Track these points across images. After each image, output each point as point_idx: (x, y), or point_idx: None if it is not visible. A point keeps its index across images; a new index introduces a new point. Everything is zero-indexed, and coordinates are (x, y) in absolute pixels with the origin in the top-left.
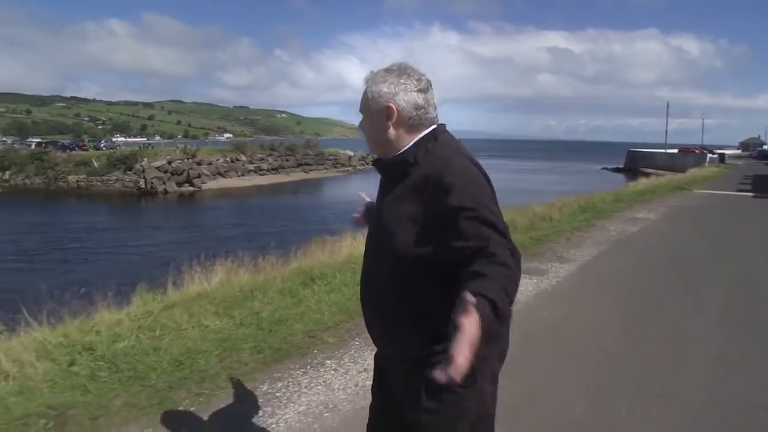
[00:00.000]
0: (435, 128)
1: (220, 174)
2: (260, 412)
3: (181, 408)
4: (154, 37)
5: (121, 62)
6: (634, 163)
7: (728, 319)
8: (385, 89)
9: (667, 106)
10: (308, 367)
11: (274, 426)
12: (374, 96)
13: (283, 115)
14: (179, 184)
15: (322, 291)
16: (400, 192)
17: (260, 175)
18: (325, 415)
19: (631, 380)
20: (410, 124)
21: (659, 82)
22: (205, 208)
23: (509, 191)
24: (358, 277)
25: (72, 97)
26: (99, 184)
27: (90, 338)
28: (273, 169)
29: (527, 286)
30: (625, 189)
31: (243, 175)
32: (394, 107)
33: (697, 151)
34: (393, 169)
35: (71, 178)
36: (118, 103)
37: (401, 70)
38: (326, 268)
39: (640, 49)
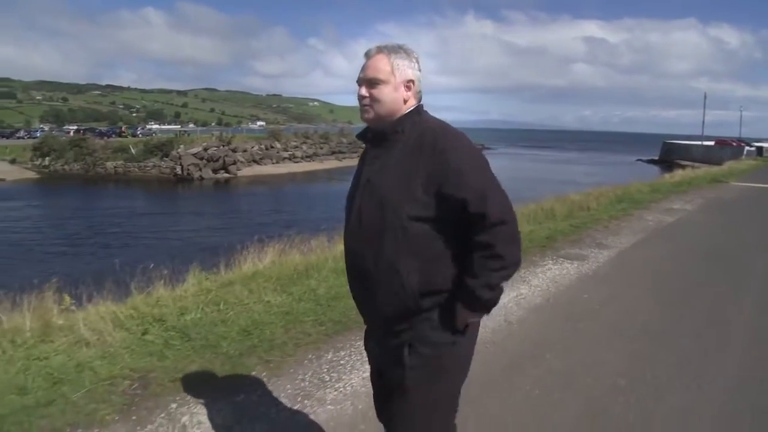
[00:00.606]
0: (421, 104)
1: (254, 161)
2: (328, 378)
3: (253, 373)
4: (189, 26)
5: (156, 50)
6: (670, 154)
7: (766, 305)
8: (407, 63)
9: (705, 97)
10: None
11: (341, 389)
12: (399, 67)
13: (316, 103)
14: (215, 171)
15: None
16: (397, 157)
17: (294, 162)
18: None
19: (673, 354)
20: (417, 97)
21: (697, 72)
22: (242, 194)
23: (546, 181)
24: None
25: (107, 85)
26: (136, 170)
27: (158, 311)
28: (307, 157)
29: (569, 270)
30: (662, 180)
31: (277, 162)
32: (414, 80)
33: (734, 144)
34: (388, 136)
35: (109, 164)
36: (152, 91)
37: (409, 51)
38: None
39: (678, 39)
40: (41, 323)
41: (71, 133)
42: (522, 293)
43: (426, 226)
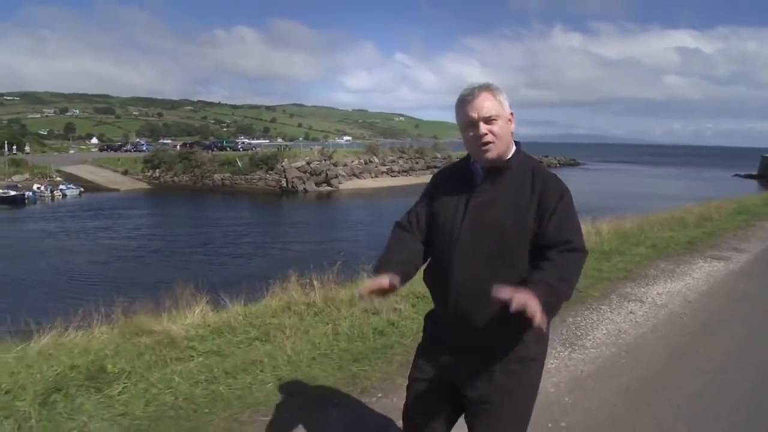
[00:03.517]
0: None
1: (354, 175)
2: (580, 333)
3: None
4: (280, 42)
5: (247, 67)
6: None
7: None
8: (506, 100)
9: None
10: (591, 309)
11: (593, 339)
12: (504, 103)
13: (401, 118)
14: (318, 184)
15: None
16: (512, 189)
17: (391, 176)
18: (619, 339)
19: None
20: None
21: None
22: (349, 206)
23: (651, 197)
24: None
25: (199, 101)
26: (243, 182)
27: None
28: (404, 171)
29: (719, 268)
30: None
31: (376, 176)
32: (513, 115)
33: None
34: (503, 170)
35: (216, 176)
36: (242, 107)
37: (501, 89)
38: None
39: None
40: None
41: (178, 147)
42: (688, 283)
43: (528, 255)
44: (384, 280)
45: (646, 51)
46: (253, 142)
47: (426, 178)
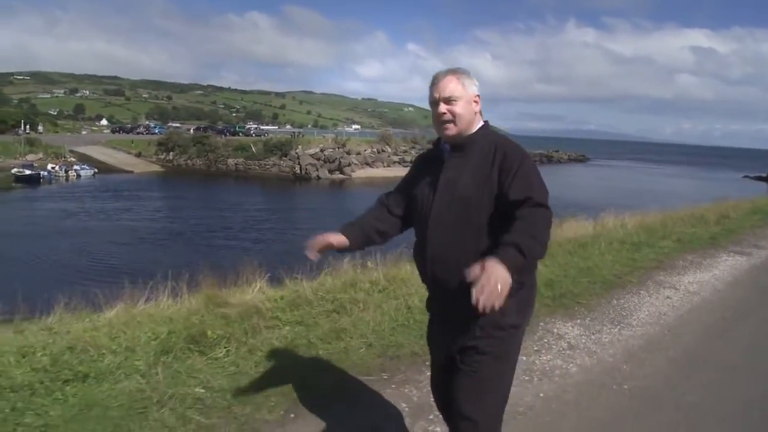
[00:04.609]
0: (486, 120)
1: (367, 164)
2: (625, 313)
3: (576, 308)
4: (293, 29)
5: (259, 52)
6: None
7: None
8: (473, 83)
9: None
10: (632, 293)
11: (633, 321)
12: (468, 86)
13: (410, 108)
14: (331, 172)
15: (597, 253)
16: (475, 162)
17: (404, 166)
18: (661, 320)
19: None
20: (480, 111)
21: None
22: (362, 194)
23: (665, 195)
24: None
25: (209, 85)
26: (257, 167)
27: None
28: None
29: (741, 262)
30: None
31: (388, 165)
32: (479, 97)
33: None
34: (467, 145)
35: (230, 161)
36: (251, 92)
37: (469, 74)
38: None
39: None
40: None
41: (191, 131)
42: (715, 274)
43: (496, 222)
44: (329, 238)
45: (660, 49)
46: (264, 128)
47: None
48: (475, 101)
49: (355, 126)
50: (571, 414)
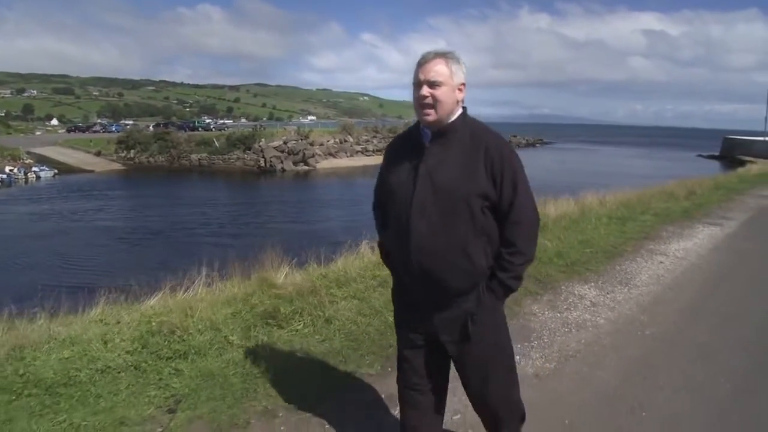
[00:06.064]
0: (465, 107)
1: (330, 154)
2: (625, 278)
3: (587, 274)
4: (246, 21)
5: (212, 46)
6: (731, 150)
7: None
8: (461, 70)
9: None
10: (630, 260)
11: (638, 282)
12: (455, 72)
13: (365, 98)
14: (295, 163)
15: (590, 228)
16: (457, 151)
17: (366, 155)
18: (660, 281)
19: None
20: (463, 99)
21: (760, 66)
22: (327, 184)
23: (625, 175)
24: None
25: (161, 81)
26: (221, 162)
27: None
28: (378, 150)
29: (716, 232)
30: (747, 172)
31: (351, 155)
32: (464, 85)
33: None
34: (449, 132)
35: (194, 156)
36: (205, 86)
37: (460, 57)
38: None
39: (741, 31)
40: None
41: (151, 128)
42: (696, 242)
43: (487, 211)
44: None
45: (612, 33)
46: (224, 122)
47: None
48: (460, 89)
49: (310, 117)
50: (612, 354)
